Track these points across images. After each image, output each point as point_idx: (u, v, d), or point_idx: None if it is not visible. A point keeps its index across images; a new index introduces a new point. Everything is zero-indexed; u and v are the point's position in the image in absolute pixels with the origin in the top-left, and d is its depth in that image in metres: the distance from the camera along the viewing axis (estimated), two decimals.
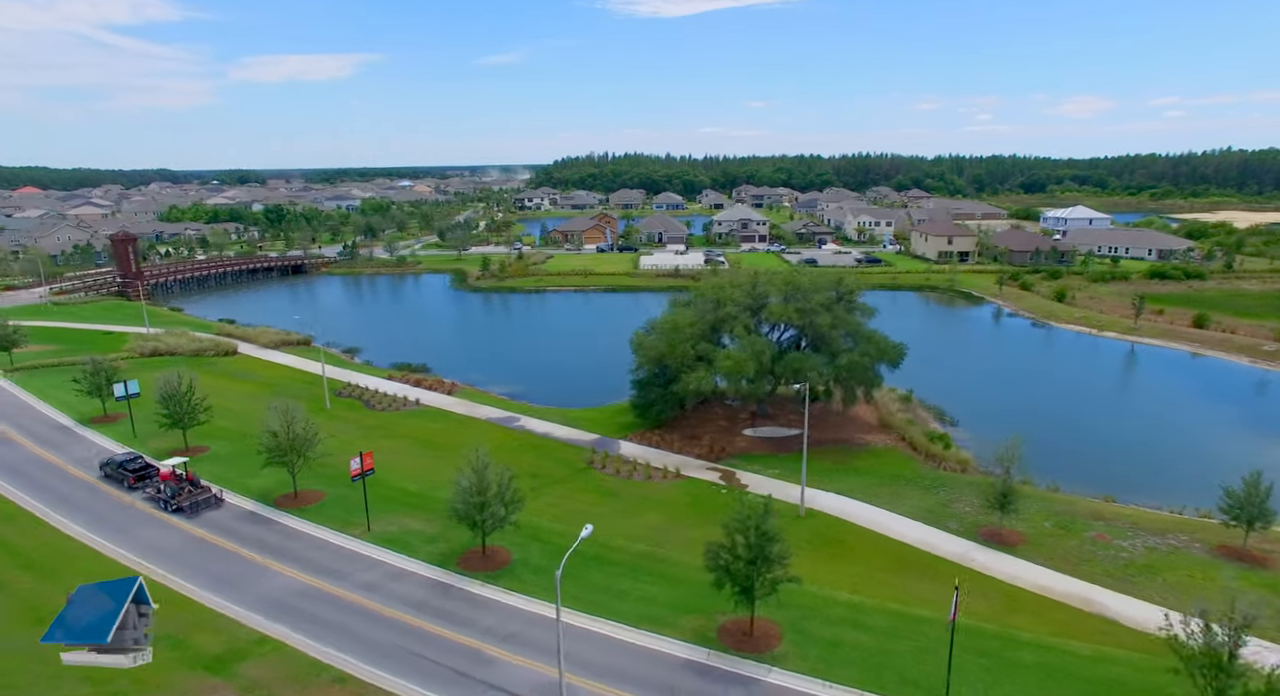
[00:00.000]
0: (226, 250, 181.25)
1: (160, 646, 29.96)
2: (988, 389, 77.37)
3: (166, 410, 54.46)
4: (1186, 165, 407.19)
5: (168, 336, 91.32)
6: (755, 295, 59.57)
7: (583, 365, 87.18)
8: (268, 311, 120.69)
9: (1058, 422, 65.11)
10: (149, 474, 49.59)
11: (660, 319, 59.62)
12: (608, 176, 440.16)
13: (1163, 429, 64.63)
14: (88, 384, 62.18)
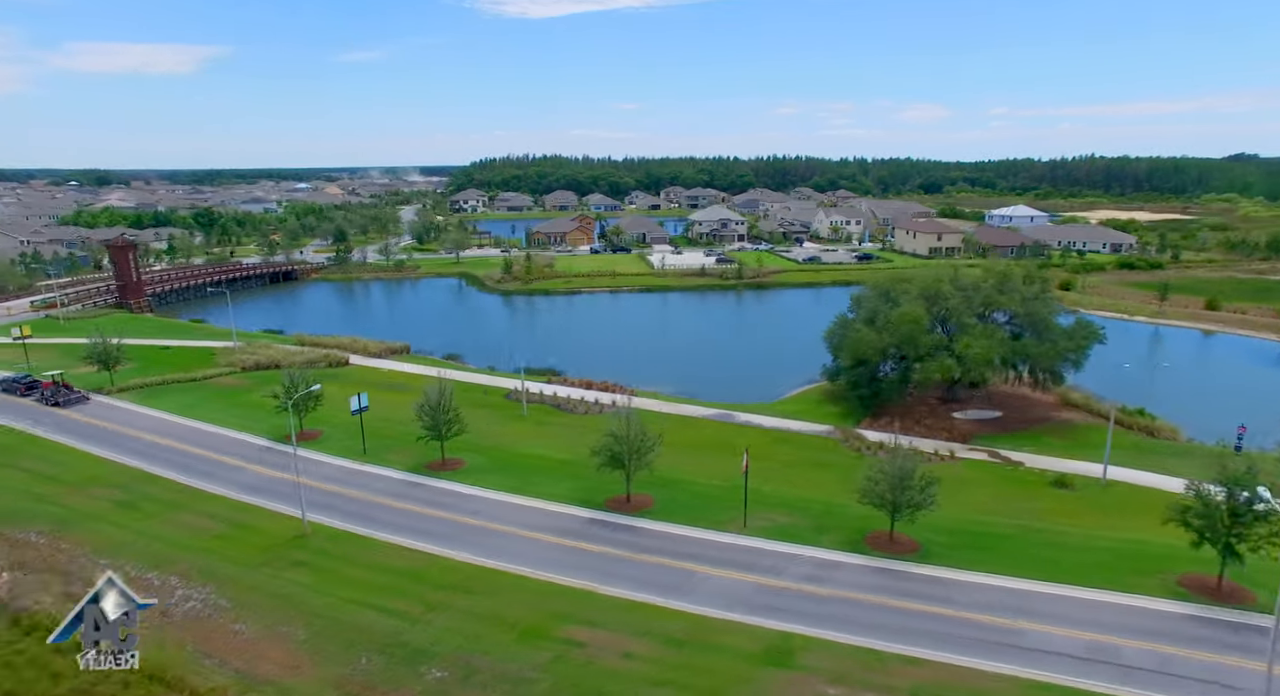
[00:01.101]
0: (194, 257, 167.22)
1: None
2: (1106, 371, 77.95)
3: (430, 422, 51.98)
4: (1061, 169, 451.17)
5: (264, 349, 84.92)
6: (976, 290, 63.69)
7: (705, 362, 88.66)
8: (297, 320, 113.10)
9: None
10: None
11: (897, 312, 62.22)
12: (532, 178, 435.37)
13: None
14: (286, 399, 57.95)
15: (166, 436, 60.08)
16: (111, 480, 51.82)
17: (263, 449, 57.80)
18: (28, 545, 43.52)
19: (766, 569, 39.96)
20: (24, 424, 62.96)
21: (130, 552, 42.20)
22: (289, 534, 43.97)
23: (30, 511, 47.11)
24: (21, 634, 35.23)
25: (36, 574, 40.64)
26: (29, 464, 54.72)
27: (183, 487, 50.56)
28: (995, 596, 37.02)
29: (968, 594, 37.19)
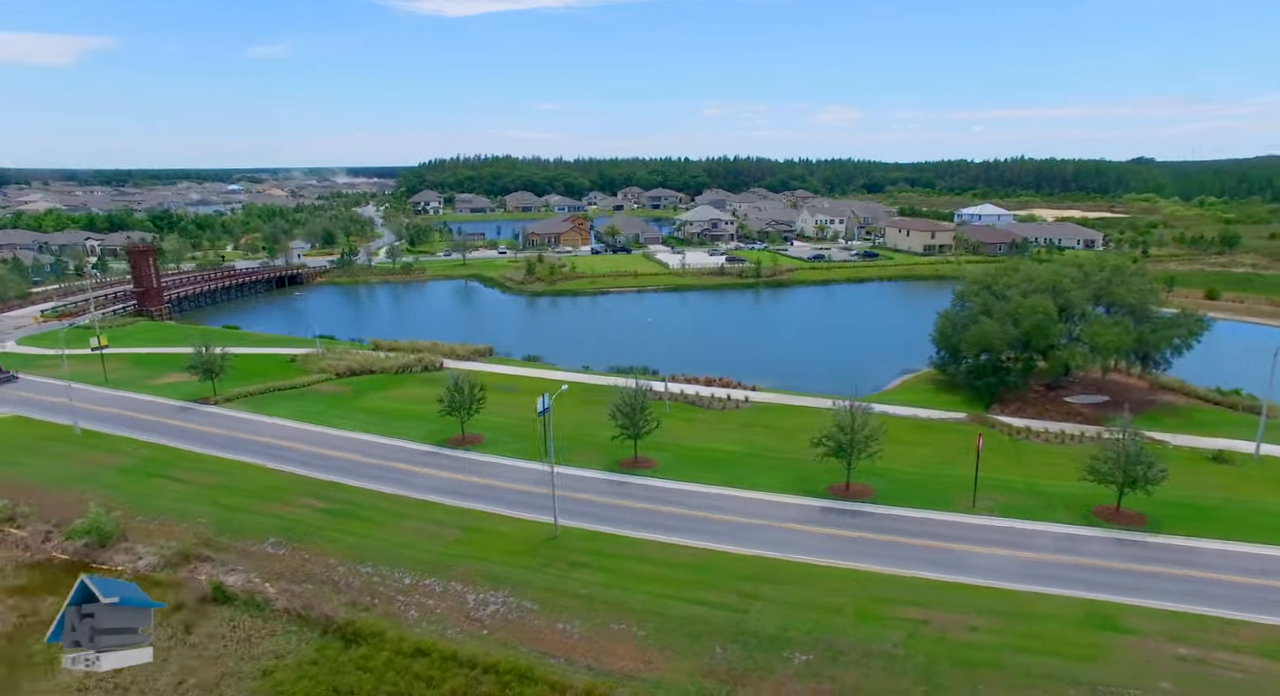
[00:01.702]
0: (183, 262, 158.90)
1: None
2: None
3: (627, 421, 52.29)
4: (995, 170, 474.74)
5: (349, 355, 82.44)
6: (1086, 282, 67.90)
7: (781, 356, 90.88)
8: (328, 325, 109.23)
9: None
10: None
11: (1027, 304, 65.38)
12: (486, 179, 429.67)
13: None
14: (450, 403, 57.17)
15: (315, 444, 58.22)
16: (298, 489, 50.16)
17: (427, 453, 56.77)
18: (273, 557, 42.08)
19: (1015, 543, 42.38)
20: (150, 436, 59.93)
21: (388, 559, 41.34)
22: (537, 536, 43.82)
23: (248, 523, 45.41)
24: (350, 644, 34.46)
25: (305, 584, 39.43)
26: (189, 476, 52.35)
27: (382, 495, 49.42)
28: (1239, 561, 40.47)
29: (1207, 559, 40.52)
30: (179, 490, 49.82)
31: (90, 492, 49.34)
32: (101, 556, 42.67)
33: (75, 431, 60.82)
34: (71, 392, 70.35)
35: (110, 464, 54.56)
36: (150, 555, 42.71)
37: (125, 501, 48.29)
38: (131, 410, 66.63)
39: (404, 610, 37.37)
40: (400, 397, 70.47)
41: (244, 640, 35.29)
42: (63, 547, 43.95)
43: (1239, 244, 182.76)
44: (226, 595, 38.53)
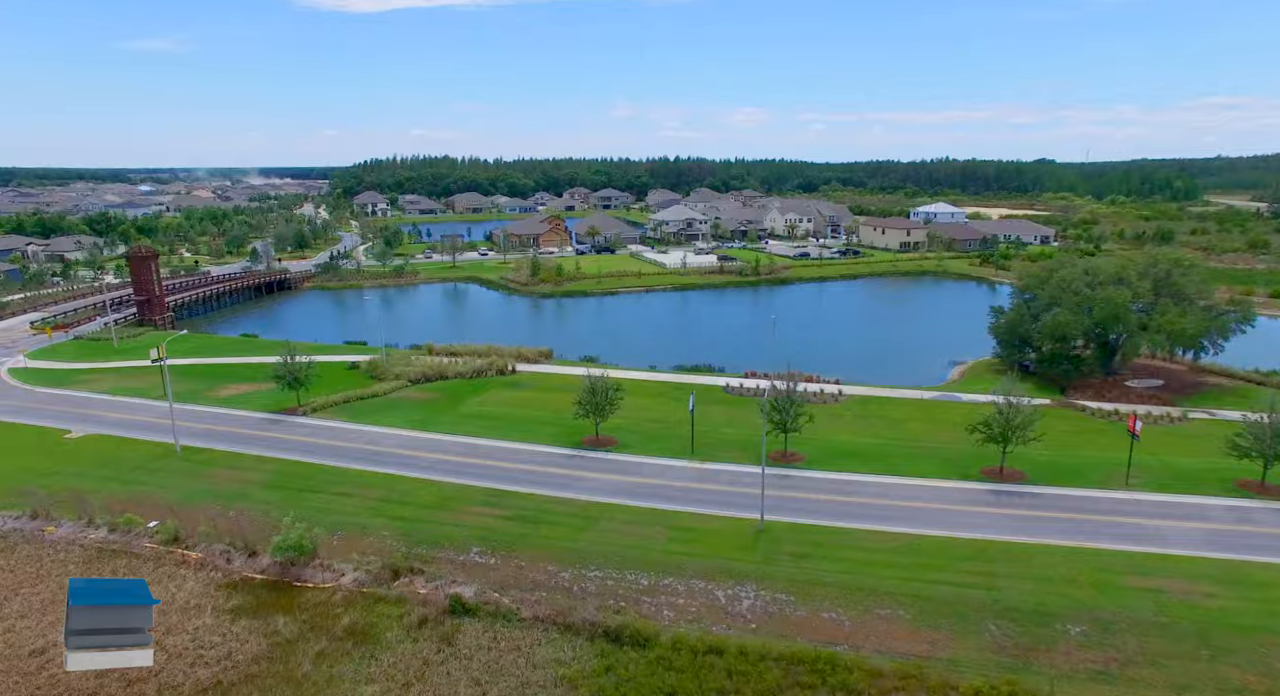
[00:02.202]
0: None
1: None
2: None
3: (779, 418, 53.48)
4: (923, 170, 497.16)
5: (417, 362, 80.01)
6: (1149, 275, 73.08)
7: (829, 349, 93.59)
8: (344, 331, 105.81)
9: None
10: None
11: (1103, 295, 69.53)
12: (428, 179, 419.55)
13: None
14: (587, 405, 56.91)
15: (446, 453, 56.81)
16: (466, 498, 49.07)
17: (569, 456, 56.37)
18: (486, 566, 41.28)
19: (1189, 515, 45.88)
20: (263, 450, 57.18)
21: (614, 562, 41.25)
22: (744, 531, 44.54)
23: (439, 535, 44.31)
24: (626, 646, 34.40)
25: (537, 591, 38.92)
26: (343, 490, 50.42)
27: (555, 499, 48.97)
28: None
29: None
30: (346, 505, 47.89)
31: (247, 511, 46.97)
32: (302, 574, 40.79)
33: (176, 449, 57.31)
34: (155, 409, 66.72)
35: (247, 480, 51.83)
36: (354, 571, 41.18)
37: (294, 517, 46.09)
38: (219, 424, 63.14)
39: (656, 610, 37.47)
40: (499, 402, 69.32)
41: (513, 650, 34.67)
42: (251, 566, 41.76)
43: (1173, 240, 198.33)
44: (466, 607, 37.62)
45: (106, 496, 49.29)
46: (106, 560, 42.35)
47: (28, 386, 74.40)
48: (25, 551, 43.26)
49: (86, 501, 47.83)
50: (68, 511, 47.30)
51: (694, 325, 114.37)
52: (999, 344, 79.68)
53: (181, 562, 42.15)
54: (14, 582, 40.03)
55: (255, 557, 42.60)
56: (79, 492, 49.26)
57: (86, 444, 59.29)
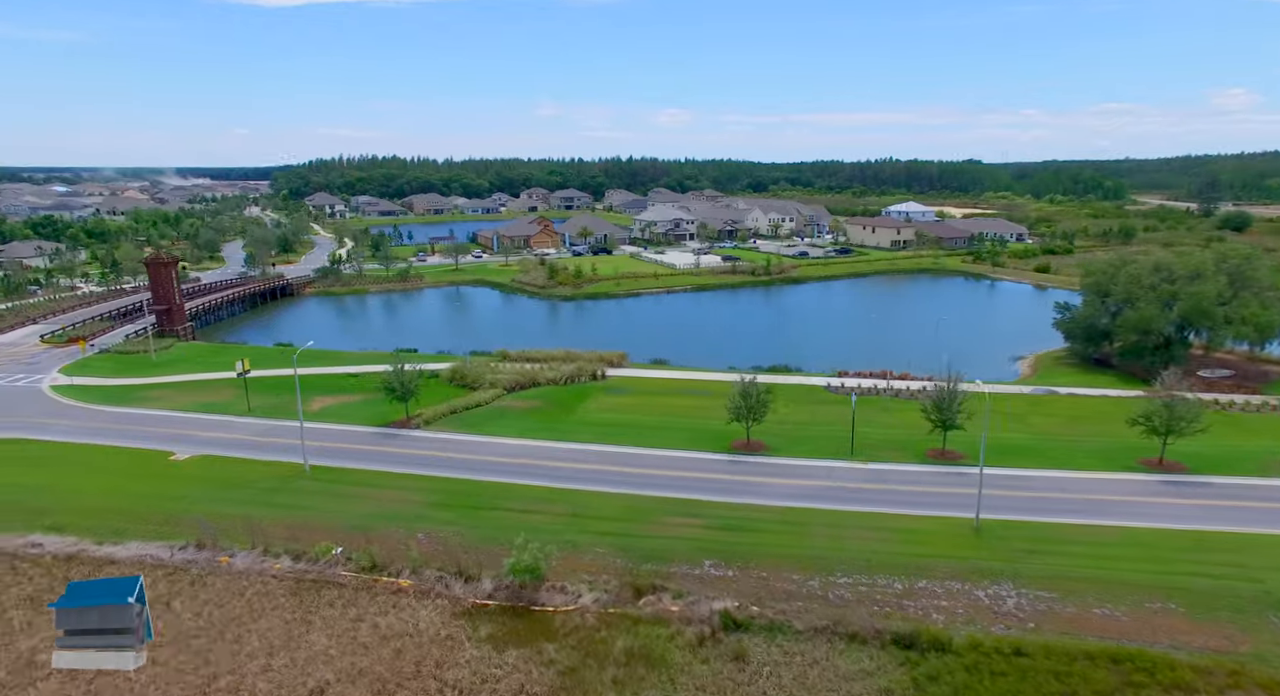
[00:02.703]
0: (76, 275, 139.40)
1: None
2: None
3: (939, 417, 53.82)
4: (870, 170, 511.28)
5: (503, 369, 77.15)
6: (1223, 269, 76.63)
7: (870, 346, 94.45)
8: (361, 338, 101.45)
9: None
10: None
11: (1190, 290, 72.39)
12: (379, 180, 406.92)
13: None
14: (740, 409, 55.97)
15: (598, 463, 54.86)
16: (658, 509, 47.45)
17: (730, 462, 55.27)
18: (727, 579, 40.02)
19: None
20: (398, 467, 54.04)
21: (858, 567, 40.59)
22: (958, 530, 44.58)
23: (656, 549, 42.70)
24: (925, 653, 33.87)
25: (793, 601, 37.95)
26: (524, 506, 48.01)
27: (751, 506, 47.84)
28: None
29: None
30: (536, 522, 45.52)
31: (435, 532, 44.28)
32: (536, 598, 38.60)
33: (305, 469, 53.56)
34: (249, 426, 62.46)
35: (409, 500, 48.76)
36: (589, 591, 39.27)
37: (487, 538, 43.71)
38: (328, 440, 59.31)
39: (925, 614, 37.01)
40: (610, 408, 67.54)
41: (811, 664, 33.62)
42: (474, 591, 39.24)
43: (1135, 236, 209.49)
44: (736, 622, 36.35)
45: (265, 522, 45.64)
46: (312, 592, 39.13)
47: (87, 405, 68.34)
48: (219, 584, 39.61)
49: (259, 528, 44.20)
50: (237, 540, 43.58)
51: (739, 325, 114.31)
52: (1070, 339, 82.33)
53: (397, 591, 39.33)
54: (232, 618, 36.55)
55: (472, 582, 40.11)
56: (243, 519, 45.51)
57: (198, 466, 54.81)
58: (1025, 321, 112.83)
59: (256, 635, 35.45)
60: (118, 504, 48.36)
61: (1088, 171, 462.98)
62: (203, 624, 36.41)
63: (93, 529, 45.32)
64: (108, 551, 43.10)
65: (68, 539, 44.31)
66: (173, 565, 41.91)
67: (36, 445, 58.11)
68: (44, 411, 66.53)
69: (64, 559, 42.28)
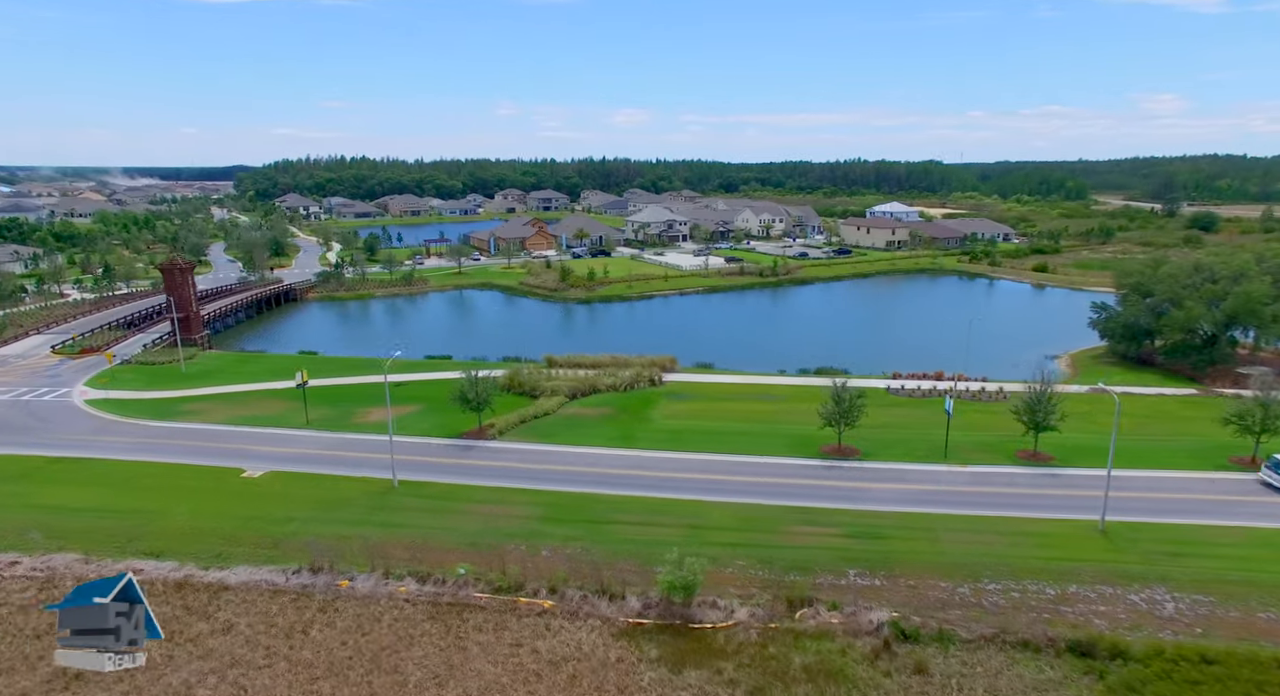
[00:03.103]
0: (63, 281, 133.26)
1: None
2: None
3: (1031, 418, 54.08)
4: (839, 170, 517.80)
5: (560, 376, 75.40)
6: (1267, 270, 78.67)
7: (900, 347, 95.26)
8: (376, 343, 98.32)
9: None
10: None
11: (1240, 290, 73.96)
12: (350, 181, 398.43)
13: None
14: (833, 414, 55.50)
15: (696, 472, 53.66)
16: (777, 518, 46.55)
17: (827, 468, 54.73)
18: (877, 588, 39.45)
19: None
20: (488, 481, 52.23)
21: (1004, 573, 40.33)
22: (1085, 532, 44.69)
23: (788, 558, 41.93)
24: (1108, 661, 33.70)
25: (951, 609, 37.53)
26: (639, 518, 46.72)
27: (863, 512, 47.34)
28: None
29: None
30: (660, 535, 44.24)
31: (561, 549, 42.85)
32: (690, 614, 37.45)
33: (394, 484, 51.50)
34: (313, 439, 59.96)
35: (516, 515, 47.02)
36: (741, 605, 38.28)
37: (615, 553, 42.42)
38: (401, 453, 56.91)
39: (1086, 619, 36.82)
40: (682, 414, 66.52)
41: (993, 674, 33.14)
42: (622, 609, 37.94)
43: (1114, 235, 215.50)
44: (905, 633, 35.78)
45: (374, 542, 43.66)
46: (452, 616, 37.37)
47: (131, 420, 64.89)
48: (351, 610, 37.59)
49: (377, 549, 42.20)
50: (354, 562, 41.51)
51: (763, 326, 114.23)
52: (1110, 338, 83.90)
53: (541, 613, 37.81)
54: (383, 647, 34.63)
55: (617, 601, 38.79)
56: (349, 540, 43.45)
57: (274, 483, 52.25)
58: (1044, 320, 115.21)
59: (414, 664, 33.67)
60: (209, 525, 45.79)
61: (1058, 174, 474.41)
62: (352, 653, 34.49)
63: (193, 553, 42.79)
64: (217, 576, 40.70)
65: (168, 564, 41.74)
66: (290, 590, 39.71)
67: (100, 464, 54.81)
68: (90, 427, 62.95)
69: (174, 585, 39.76)
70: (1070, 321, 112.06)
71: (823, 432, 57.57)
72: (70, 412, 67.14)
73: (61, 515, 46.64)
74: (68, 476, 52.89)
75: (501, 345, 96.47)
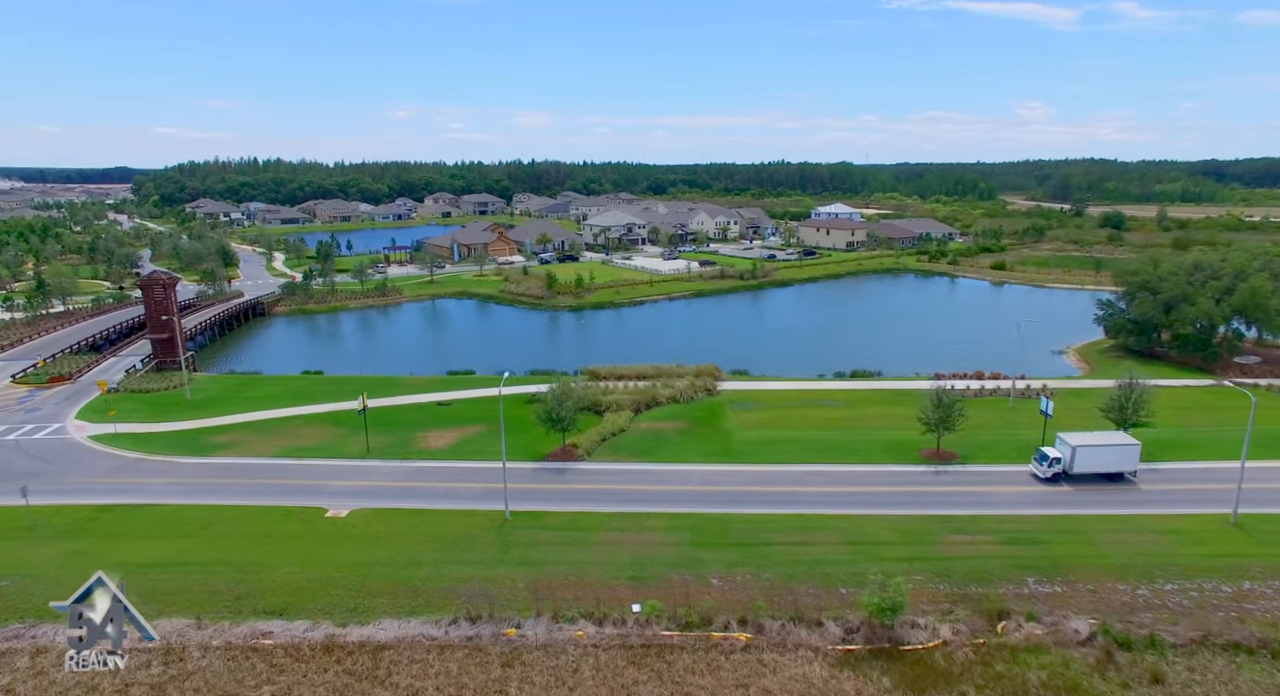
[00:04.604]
0: (71, 294, 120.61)
1: None
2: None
3: (1118, 418, 55.42)
4: (765, 172, 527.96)
5: (613, 390, 72.25)
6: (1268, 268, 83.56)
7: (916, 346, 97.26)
8: (374, 360, 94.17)
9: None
10: None
11: (1246, 286, 78.05)
12: (268, 185, 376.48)
13: None
14: (933, 418, 55.24)
15: (799, 484, 52.58)
16: (932, 528, 45.91)
17: (933, 473, 54.40)
18: (1060, 595, 39.14)
19: None
20: (604, 506, 49.21)
21: (1173, 574, 40.74)
22: (1218, 527, 45.91)
23: (971, 569, 41.12)
24: None
25: (1145, 612, 37.58)
26: (793, 537, 44.95)
27: (1004, 518, 47.14)
28: None
29: None
30: (822, 554, 42.70)
31: (728, 576, 40.56)
32: (898, 636, 35.99)
33: (505, 516, 47.78)
34: (386, 470, 55.32)
35: (658, 542, 44.35)
36: (940, 622, 37.13)
37: (786, 576, 40.51)
38: (495, 481, 53.00)
39: (1275, 618, 37.62)
40: (759, 424, 65.12)
41: (1225, 682, 33.19)
42: (823, 636, 36.07)
43: (1045, 234, 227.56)
44: (1117, 641, 35.48)
45: (525, 583, 40.18)
46: (654, 658, 34.57)
47: (163, 457, 57.96)
48: (540, 662, 34.18)
49: (531, 590, 38.75)
50: (514, 607, 37.98)
51: (768, 329, 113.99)
52: (1116, 333, 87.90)
53: (745, 648, 35.50)
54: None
55: (815, 627, 36.91)
56: (490, 581, 39.77)
57: (369, 522, 47.47)
58: (1026, 316, 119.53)
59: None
60: (323, 575, 41.03)
61: (970, 175, 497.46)
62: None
63: (322, 609, 38.16)
64: (363, 634, 36.35)
65: (299, 623, 37.04)
66: (456, 644, 35.86)
67: (157, 511, 48.42)
68: (111, 468, 55.83)
69: (321, 648, 35.22)
70: (1052, 317, 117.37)
71: (921, 438, 57.32)
72: (77, 451, 59.47)
73: (145, 574, 40.69)
74: (128, 527, 46.47)
75: (519, 358, 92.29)
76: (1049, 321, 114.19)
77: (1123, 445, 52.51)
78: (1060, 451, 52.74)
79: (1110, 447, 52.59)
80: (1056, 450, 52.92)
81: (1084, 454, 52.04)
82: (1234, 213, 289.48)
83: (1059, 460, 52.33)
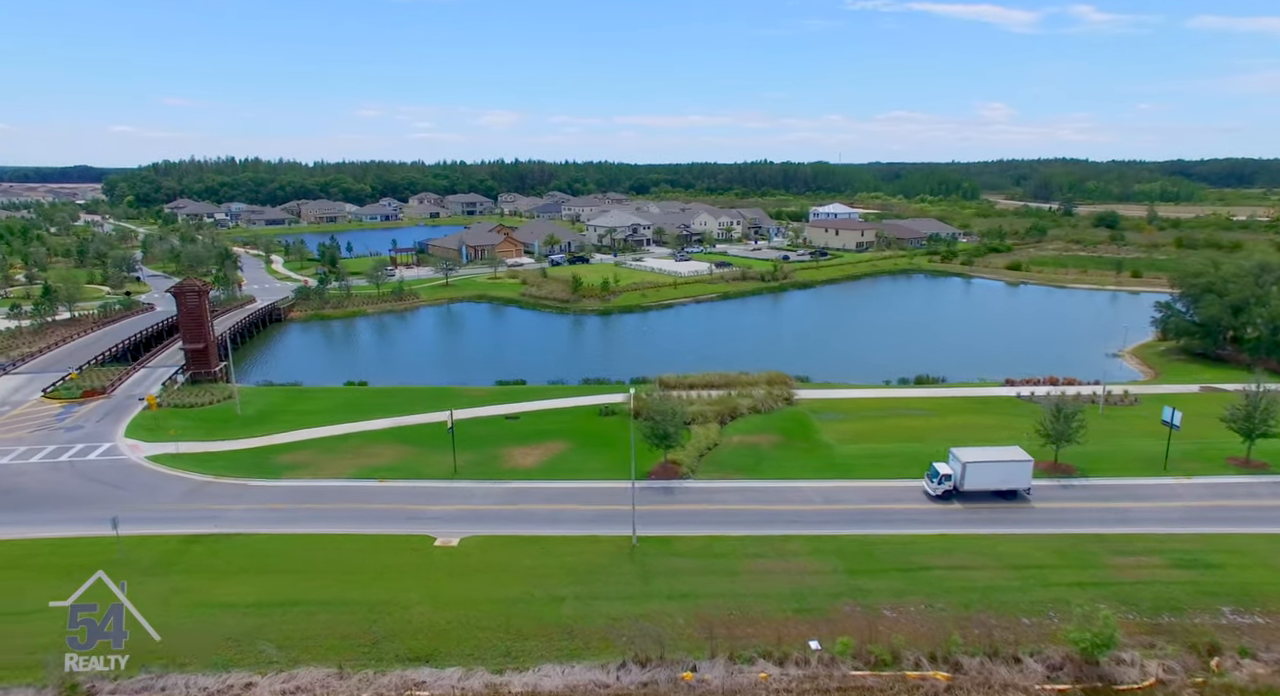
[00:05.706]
0: (78, 299, 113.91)
1: None
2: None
3: (1244, 427, 53.74)
4: (748, 171, 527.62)
5: (685, 400, 69.17)
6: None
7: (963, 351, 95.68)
8: (396, 369, 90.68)
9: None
10: None
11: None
12: (247, 185, 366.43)
13: None
14: (1053, 430, 53.05)
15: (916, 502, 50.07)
16: (1085, 551, 43.37)
17: (1062, 487, 52.28)
18: (1262, 628, 36.86)
19: None
20: (758, 530, 46.21)
21: None
22: None
23: (1154, 596, 38.99)
24: None
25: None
26: (927, 560, 42.24)
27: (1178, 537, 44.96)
28: None
29: None
30: (983, 579, 40.11)
31: (900, 607, 37.79)
32: (1106, 674, 33.53)
33: (633, 542, 44.53)
34: (481, 493, 51.79)
35: (805, 570, 41.30)
36: (1145, 657, 34.72)
37: (962, 604, 37.87)
38: (600, 502, 49.89)
39: None
40: (853, 435, 62.67)
41: None
42: (1022, 675, 33.47)
43: (1047, 233, 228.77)
44: None
45: (686, 619, 37.03)
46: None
47: (224, 479, 53.67)
48: None
49: (695, 627, 35.65)
50: (680, 647, 34.82)
51: (810, 332, 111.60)
52: (1178, 335, 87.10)
53: (949, 688, 32.76)
54: None
55: (1013, 665, 34.30)
56: (653, 617, 36.57)
57: (485, 552, 43.86)
58: (1062, 318, 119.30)
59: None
60: (462, 614, 37.41)
61: (954, 175, 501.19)
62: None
63: (472, 654, 34.63)
64: (526, 682, 32.98)
65: (452, 671, 33.52)
66: (629, 691, 32.67)
67: (249, 542, 44.22)
68: (182, 493, 51.44)
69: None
70: (1090, 318, 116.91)
71: (1031, 449, 55.07)
72: (140, 474, 54.87)
73: (266, 614, 36.89)
74: (225, 560, 42.29)
75: (564, 365, 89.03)
76: (1090, 322, 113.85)
77: (1015, 461, 49.88)
78: (951, 468, 50.08)
79: (1002, 463, 49.88)
80: (948, 466, 50.22)
81: (974, 470, 49.35)
82: (1219, 212, 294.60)
83: (949, 477, 49.59)
